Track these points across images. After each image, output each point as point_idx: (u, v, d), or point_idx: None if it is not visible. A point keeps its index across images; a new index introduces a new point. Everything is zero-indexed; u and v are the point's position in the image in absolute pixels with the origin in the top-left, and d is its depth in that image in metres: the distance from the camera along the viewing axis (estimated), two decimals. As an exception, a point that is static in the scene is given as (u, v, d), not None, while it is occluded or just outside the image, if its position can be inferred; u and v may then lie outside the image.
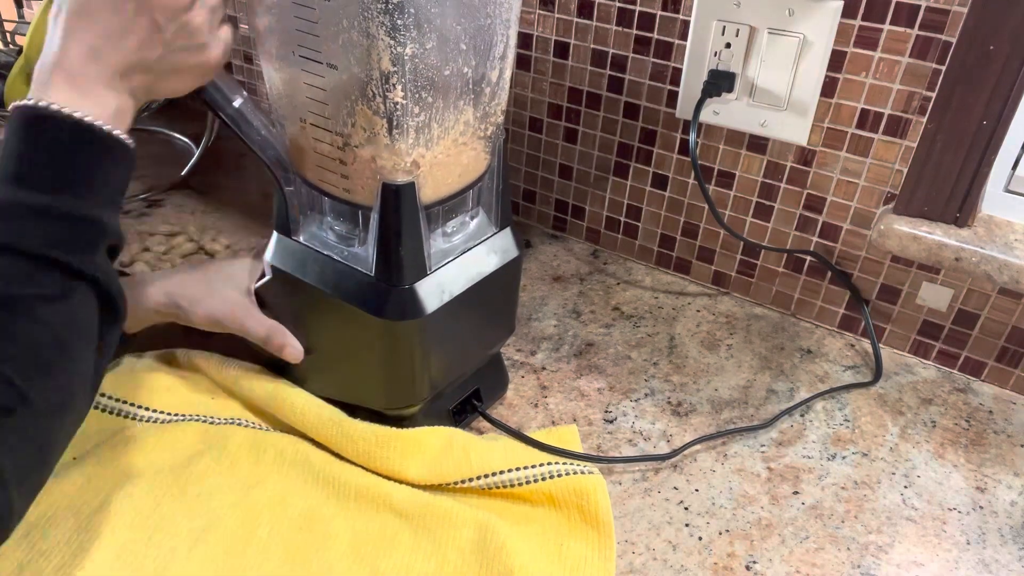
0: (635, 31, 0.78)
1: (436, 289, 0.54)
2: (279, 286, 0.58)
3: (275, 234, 0.58)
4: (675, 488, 0.60)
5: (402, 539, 0.53)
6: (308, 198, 0.56)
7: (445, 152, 0.52)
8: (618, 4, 0.78)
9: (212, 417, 0.60)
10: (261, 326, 0.59)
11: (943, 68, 0.65)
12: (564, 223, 0.95)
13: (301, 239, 0.56)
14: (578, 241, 0.94)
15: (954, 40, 0.63)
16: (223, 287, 0.60)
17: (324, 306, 0.56)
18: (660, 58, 0.78)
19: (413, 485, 0.56)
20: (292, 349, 0.59)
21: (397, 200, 0.50)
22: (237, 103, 0.53)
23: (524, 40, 0.86)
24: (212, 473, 0.56)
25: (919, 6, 0.64)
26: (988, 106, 0.63)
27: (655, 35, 0.77)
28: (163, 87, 0.48)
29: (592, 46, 0.82)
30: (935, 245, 0.68)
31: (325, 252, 0.56)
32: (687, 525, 0.57)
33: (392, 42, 0.44)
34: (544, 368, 0.72)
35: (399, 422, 0.59)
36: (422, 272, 0.53)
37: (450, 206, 0.55)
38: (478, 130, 0.54)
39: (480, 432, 0.64)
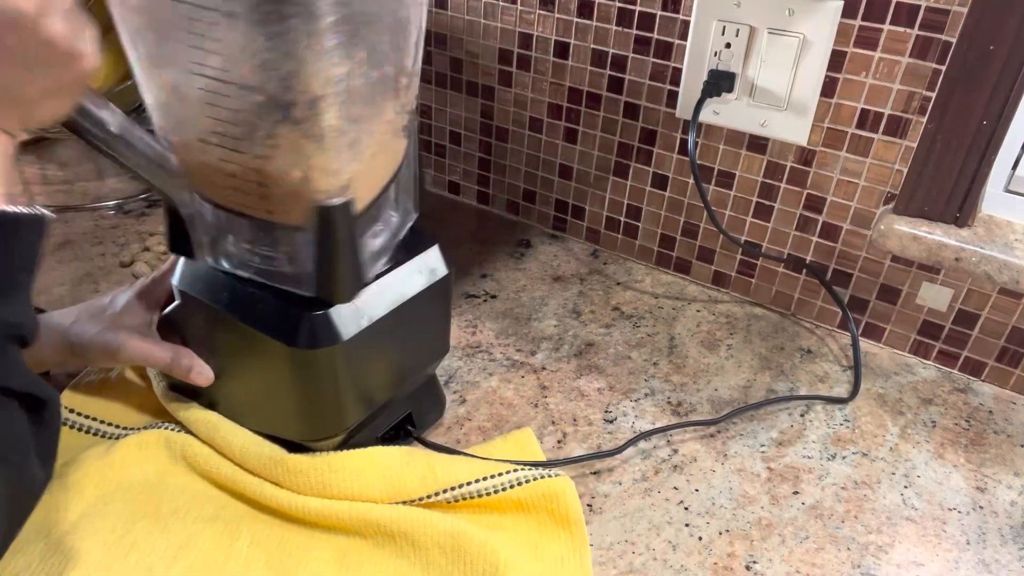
0: (635, 31, 0.78)
1: (353, 314, 0.50)
2: (188, 311, 0.55)
3: (182, 257, 0.53)
4: (675, 488, 0.60)
5: (384, 544, 0.52)
6: (214, 218, 0.49)
7: (371, 158, 0.47)
8: (618, 4, 0.78)
9: (173, 425, 0.59)
10: (164, 351, 0.56)
11: (943, 68, 0.65)
12: (564, 223, 0.95)
13: (209, 260, 0.51)
14: (578, 241, 0.94)
15: (954, 40, 0.63)
16: (120, 318, 0.57)
17: (236, 333, 0.52)
18: (660, 58, 0.78)
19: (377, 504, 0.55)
20: (200, 371, 0.56)
21: (335, 222, 0.45)
22: (113, 122, 0.44)
23: (524, 40, 0.86)
24: (186, 488, 0.55)
25: (919, 6, 0.64)
26: (988, 106, 0.63)
27: (655, 35, 0.77)
28: (40, 114, 0.40)
29: (592, 46, 0.82)
30: (935, 245, 0.68)
31: (239, 272, 0.51)
32: (687, 525, 0.57)
33: (325, 64, 0.39)
34: (544, 368, 0.72)
35: (324, 451, 0.56)
36: (360, 284, 0.49)
37: (376, 205, 0.50)
38: (397, 123, 0.49)
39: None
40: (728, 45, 0.73)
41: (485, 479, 0.55)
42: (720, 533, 0.56)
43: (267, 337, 0.50)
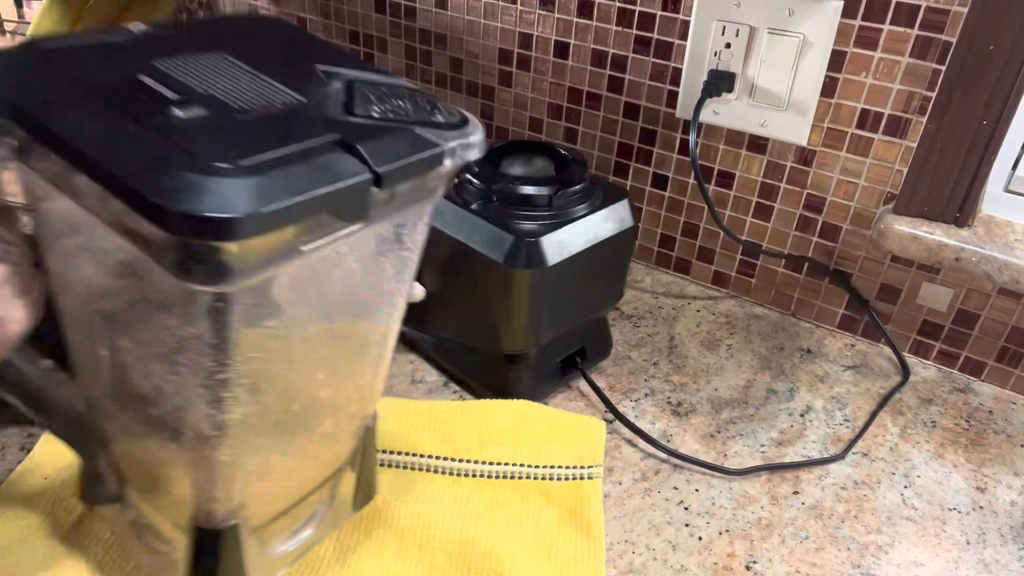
0: (635, 31, 0.78)
1: (557, 246, 0.59)
2: None
3: None
4: (675, 488, 0.60)
5: (388, 544, 0.52)
6: (117, 485, 0.46)
7: (288, 473, 0.44)
8: (618, 4, 0.78)
9: None
10: None
11: (943, 68, 0.65)
12: (564, 223, 0.95)
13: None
14: (578, 241, 0.94)
15: (954, 40, 0.63)
16: None
17: (455, 252, 0.60)
18: (660, 58, 0.78)
19: (421, 456, 0.59)
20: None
21: (215, 546, 0.41)
22: (34, 377, 0.42)
23: (524, 40, 0.86)
24: None
25: (919, 6, 0.64)
26: (988, 106, 0.63)
27: (655, 35, 0.77)
28: None
29: (592, 46, 0.82)
30: (935, 245, 0.68)
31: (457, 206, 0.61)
32: (687, 525, 0.57)
33: (214, 411, 0.35)
34: (544, 368, 0.72)
35: (511, 364, 0.64)
36: None
37: (294, 509, 0.46)
38: (339, 433, 0.46)
39: (579, 391, 0.69)
40: (728, 45, 0.73)
41: (522, 465, 0.59)
42: (720, 533, 0.56)
43: (488, 257, 0.58)
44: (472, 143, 0.36)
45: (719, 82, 0.73)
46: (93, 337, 0.39)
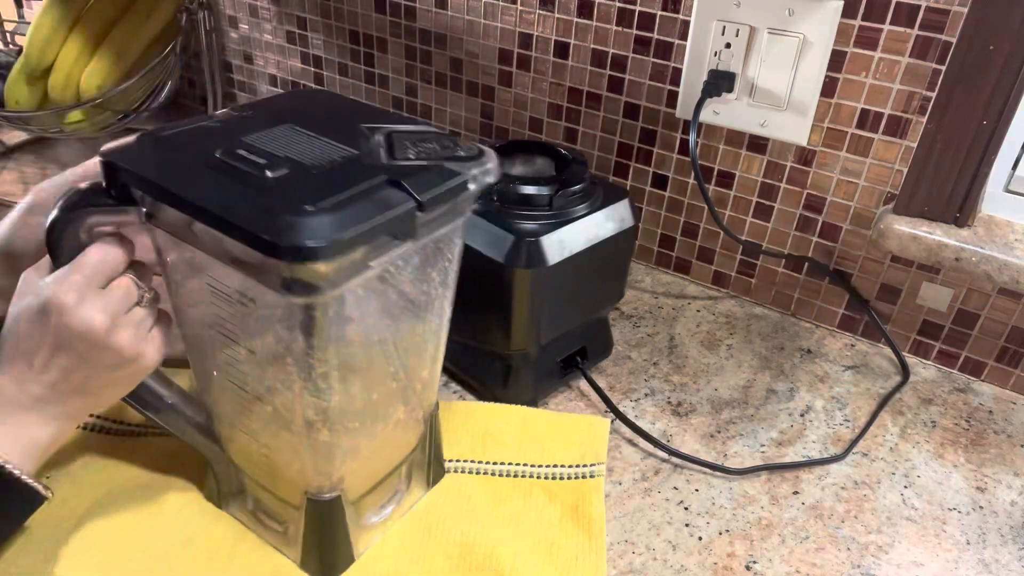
0: (635, 31, 0.78)
1: (557, 245, 0.59)
2: None
3: None
4: (675, 488, 0.60)
5: (388, 544, 0.53)
6: (238, 481, 0.54)
7: (373, 453, 0.52)
8: (618, 4, 0.78)
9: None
10: None
11: (943, 68, 0.65)
12: (564, 223, 0.95)
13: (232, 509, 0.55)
14: (578, 241, 0.94)
15: (954, 40, 0.63)
16: None
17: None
18: (660, 58, 0.78)
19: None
20: None
21: (324, 513, 0.50)
22: (168, 396, 0.51)
23: (524, 40, 0.86)
24: (190, 488, 0.55)
25: (919, 6, 0.64)
26: (988, 106, 0.63)
27: (655, 35, 0.77)
28: (104, 400, 0.48)
29: (592, 46, 0.82)
30: (935, 245, 0.68)
31: None
32: (687, 525, 0.57)
33: (316, 399, 0.44)
34: (544, 368, 0.72)
35: (511, 363, 0.65)
36: (349, 560, 0.52)
37: (382, 484, 0.54)
38: (409, 420, 0.53)
39: (579, 391, 0.69)
40: (728, 45, 0.73)
41: (525, 465, 0.59)
42: (720, 533, 0.56)
43: (488, 257, 0.59)
44: (489, 170, 0.45)
45: (719, 82, 0.73)
46: (214, 355, 0.48)
